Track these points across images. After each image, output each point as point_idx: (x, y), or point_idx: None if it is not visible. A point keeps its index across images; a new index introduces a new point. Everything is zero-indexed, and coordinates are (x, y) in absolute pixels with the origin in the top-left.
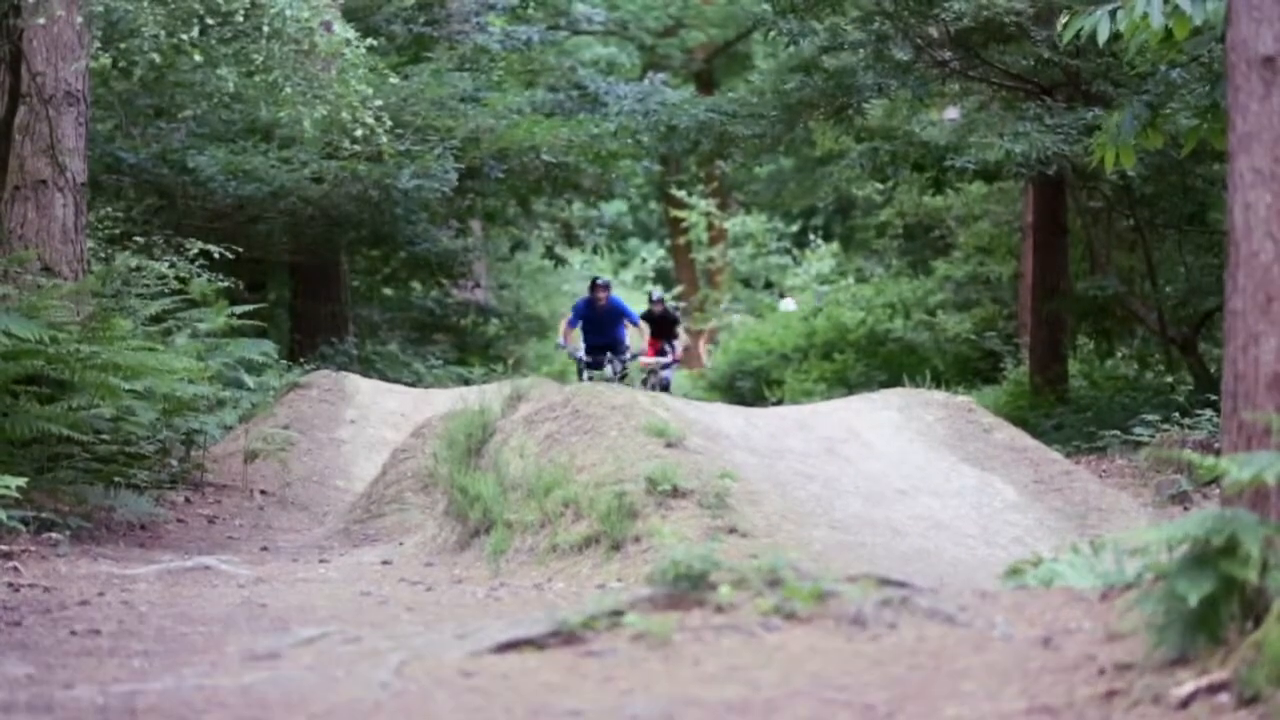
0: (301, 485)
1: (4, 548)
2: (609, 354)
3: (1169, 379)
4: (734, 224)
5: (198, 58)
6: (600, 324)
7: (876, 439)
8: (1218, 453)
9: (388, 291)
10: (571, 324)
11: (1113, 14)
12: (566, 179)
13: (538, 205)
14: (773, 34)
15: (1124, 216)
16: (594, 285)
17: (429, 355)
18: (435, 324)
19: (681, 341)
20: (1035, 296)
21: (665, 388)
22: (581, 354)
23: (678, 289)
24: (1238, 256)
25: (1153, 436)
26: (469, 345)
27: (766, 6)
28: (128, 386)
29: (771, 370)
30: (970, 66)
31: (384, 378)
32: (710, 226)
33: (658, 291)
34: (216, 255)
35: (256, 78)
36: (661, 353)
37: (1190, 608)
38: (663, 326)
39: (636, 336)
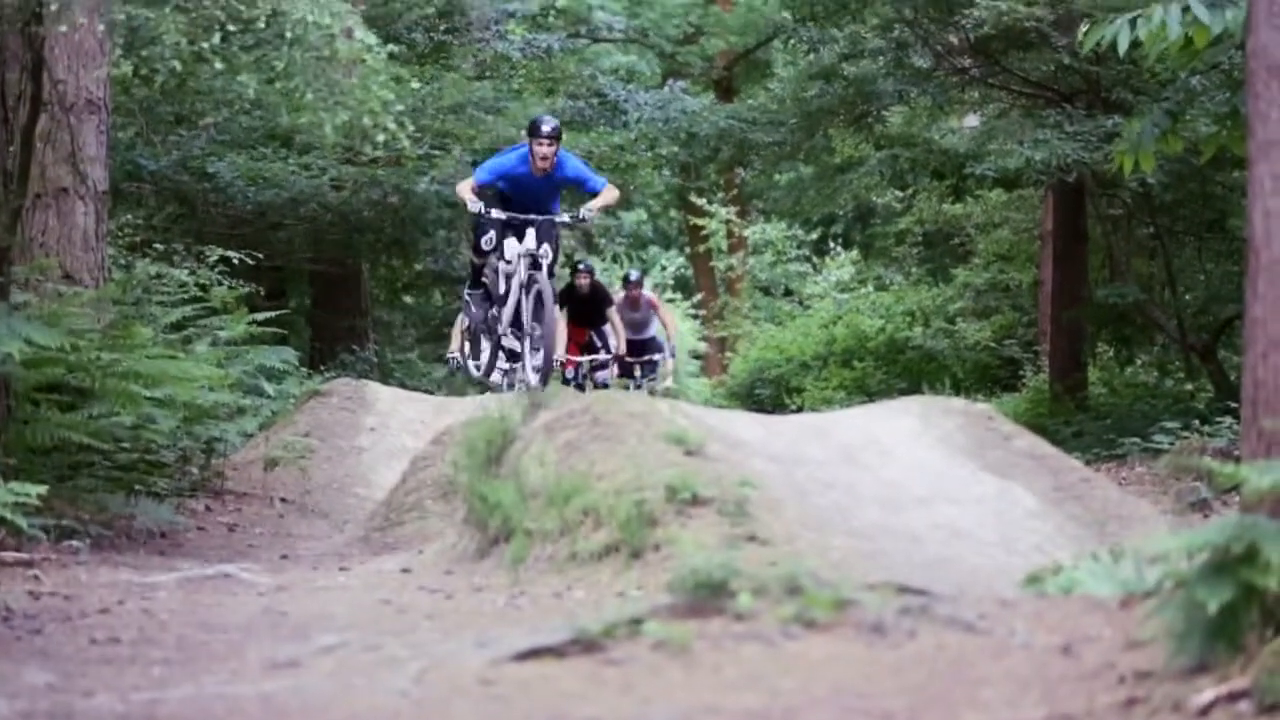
0: (321, 493)
1: (24, 556)
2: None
3: (1189, 386)
4: (754, 232)
5: (219, 65)
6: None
7: (896, 447)
8: (1237, 460)
9: (408, 299)
10: None
11: (1133, 23)
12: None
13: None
14: (792, 41)
15: (1144, 224)
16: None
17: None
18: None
19: (618, 331)
20: (1055, 304)
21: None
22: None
23: (697, 296)
24: (1257, 263)
25: (1172, 444)
26: None
27: (786, 14)
28: (148, 394)
29: (791, 378)
30: (990, 74)
31: (404, 385)
32: (730, 234)
33: (635, 271)
34: (236, 261)
35: (277, 84)
36: (589, 348)
37: (1210, 616)
38: (590, 309)
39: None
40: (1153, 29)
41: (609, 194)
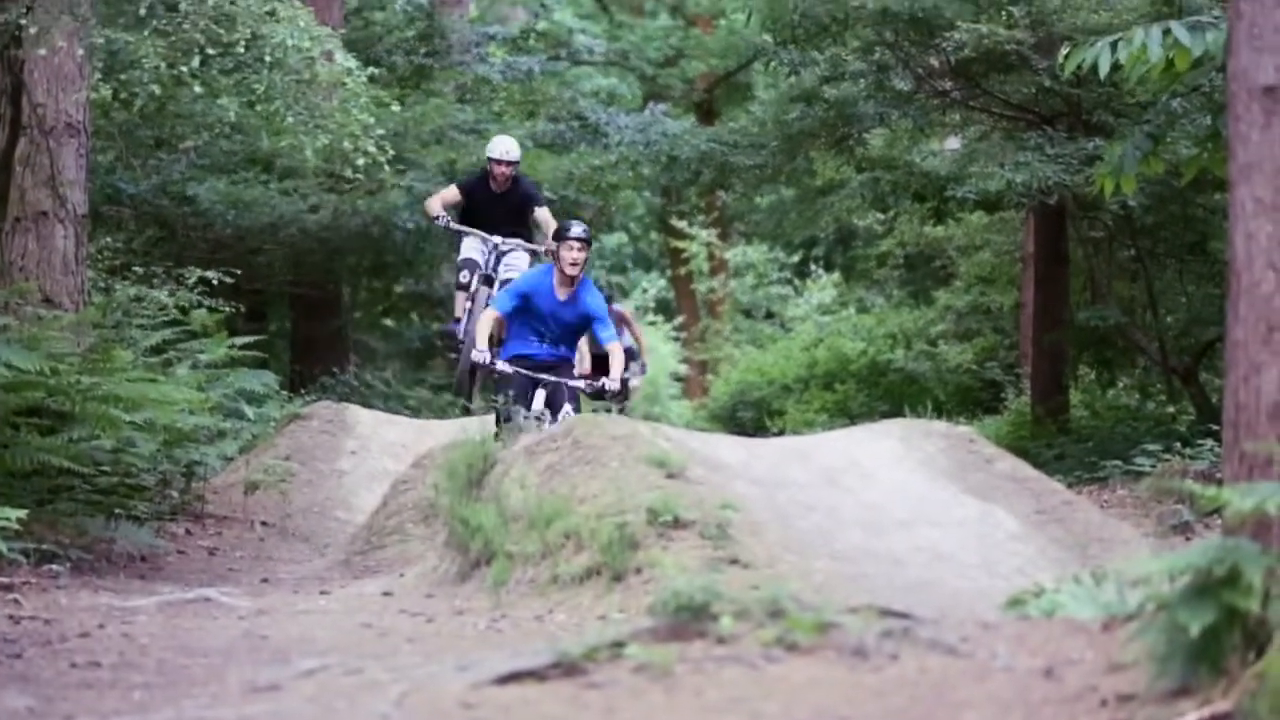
0: (302, 516)
1: (4, 580)
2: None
3: (1170, 409)
4: (735, 254)
5: (198, 88)
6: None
7: (877, 469)
8: (1219, 483)
9: (388, 322)
10: None
11: (1113, 46)
12: (567, 211)
13: (538, 238)
14: (773, 64)
15: (1125, 246)
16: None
17: (429, 385)
18: (435, 354)
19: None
20: (1036, 326)
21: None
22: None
23: (679, 319)
24: (1239, 286)
25: (1154, 467)
26: None
27: (767, 37)
28: (128, 418)
29: (773, 400)
30: (971, 96)
31: (384, 408)
32: (711, 257)
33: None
34: (215, 281)
35: (258, 108)
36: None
37: (1192, 638)
38: None
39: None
40: (1134, 51)
41: (618, 357)
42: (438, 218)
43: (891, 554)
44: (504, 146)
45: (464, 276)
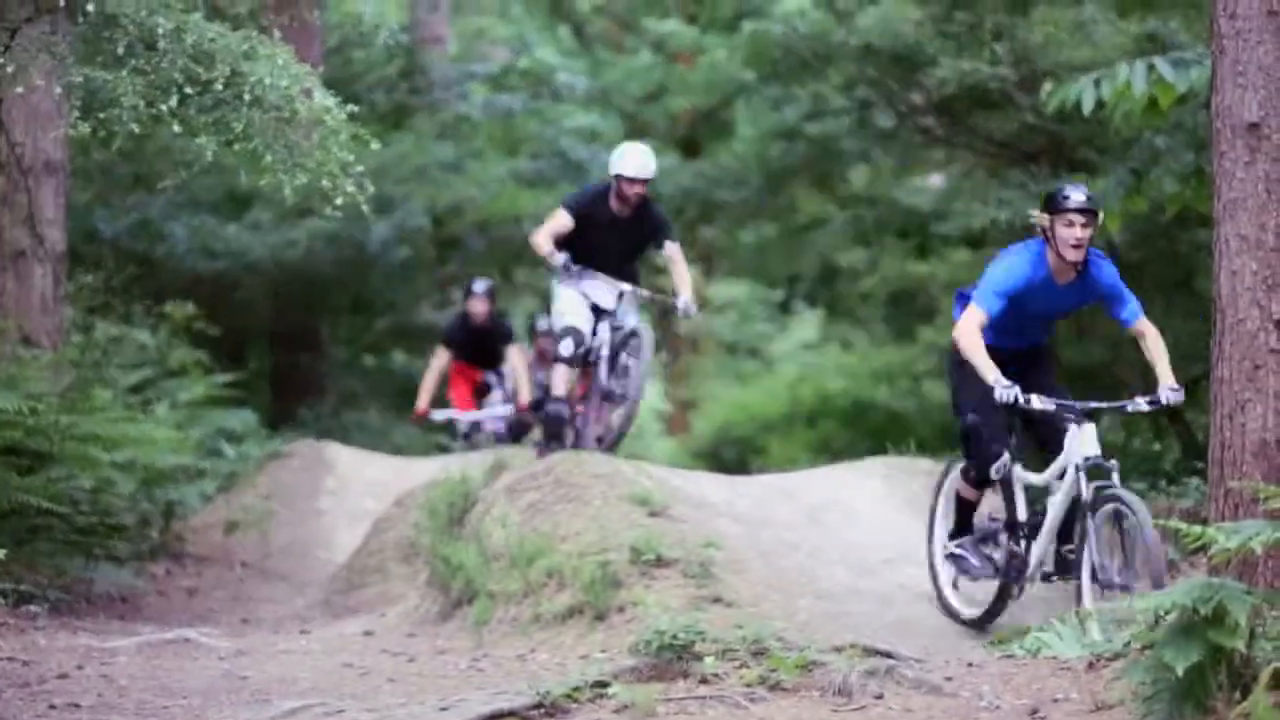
0: (282, 556)
1: None
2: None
3: (1156, 446)
4: (718, 291)
5: (177, 127)
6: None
7: (861, 507)
8: (1205, 521)
9: (369, 360)
10: None
11: (1097, 82)
12: None
13: (519, 275)
14: (755, 100)
15: None
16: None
17: (409, 424)
18: (416, 392)
19: (519, 375)
20: None
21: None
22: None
23: (662, 355)
24: (1224, 324)
25: None
26: None
27: (749, 73)
28: (108, 457)
29: (756, 438)
30: (954, 133)
31: (364, 446)
32: (694, 293)
33: (545, 319)
34: (194, 320)
35: (236, 146)
36: (483, 392)
37: (1178, 677)
38: (487, 345)
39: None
40: (1118, 87)
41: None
42: (551, 255)
43: (875, 593)
44: (640, 160)
45: (566, 348)
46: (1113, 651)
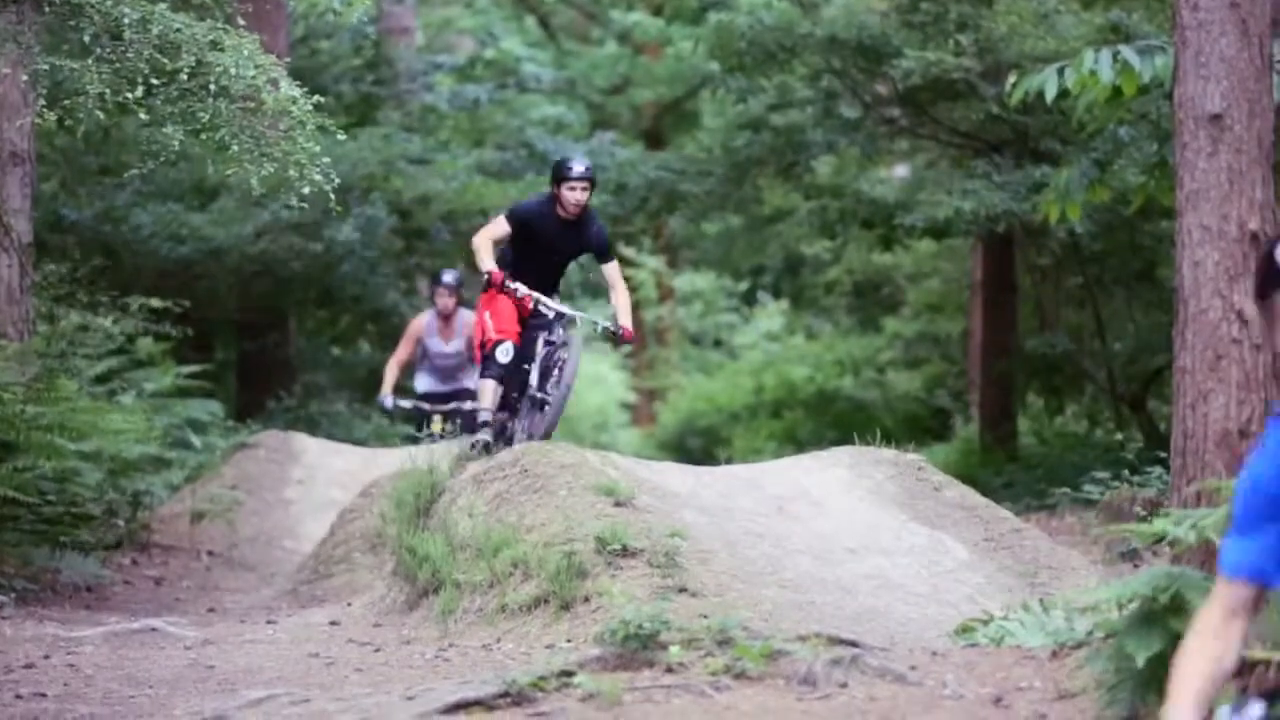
0: (249, 546)
1: None
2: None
3: (1119, 436)
4: (683, 282)
5: (143, 116)
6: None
7: (826, 497)
8: (1168, 510)
9: (335, 351)
10: None
11: (1060, 72)
12: None
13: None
14: (721, 91)
15: (1073, 274)
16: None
17: (375, 414)
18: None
19: None
20: (985, 354)
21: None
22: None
23: (626, 347)
24: (1186, 314)
25: (1103, 494)
26: None
27: (715, 64)
28: (74, 447)
29: (721, 428)
30: (919, 124)
31: (331, 437)
32: (659, 284)
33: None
34: (160, 309)
35: (203, 136)
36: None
37: (1140, 667)
38: None
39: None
40: (1082, 74)
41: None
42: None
43: (840, 582)
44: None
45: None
46: (1076, 640)
